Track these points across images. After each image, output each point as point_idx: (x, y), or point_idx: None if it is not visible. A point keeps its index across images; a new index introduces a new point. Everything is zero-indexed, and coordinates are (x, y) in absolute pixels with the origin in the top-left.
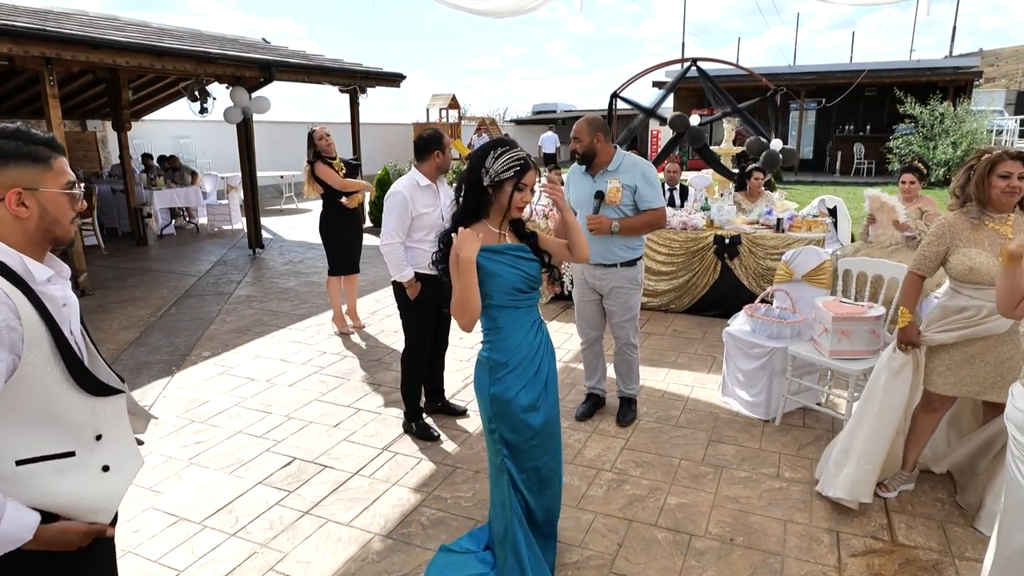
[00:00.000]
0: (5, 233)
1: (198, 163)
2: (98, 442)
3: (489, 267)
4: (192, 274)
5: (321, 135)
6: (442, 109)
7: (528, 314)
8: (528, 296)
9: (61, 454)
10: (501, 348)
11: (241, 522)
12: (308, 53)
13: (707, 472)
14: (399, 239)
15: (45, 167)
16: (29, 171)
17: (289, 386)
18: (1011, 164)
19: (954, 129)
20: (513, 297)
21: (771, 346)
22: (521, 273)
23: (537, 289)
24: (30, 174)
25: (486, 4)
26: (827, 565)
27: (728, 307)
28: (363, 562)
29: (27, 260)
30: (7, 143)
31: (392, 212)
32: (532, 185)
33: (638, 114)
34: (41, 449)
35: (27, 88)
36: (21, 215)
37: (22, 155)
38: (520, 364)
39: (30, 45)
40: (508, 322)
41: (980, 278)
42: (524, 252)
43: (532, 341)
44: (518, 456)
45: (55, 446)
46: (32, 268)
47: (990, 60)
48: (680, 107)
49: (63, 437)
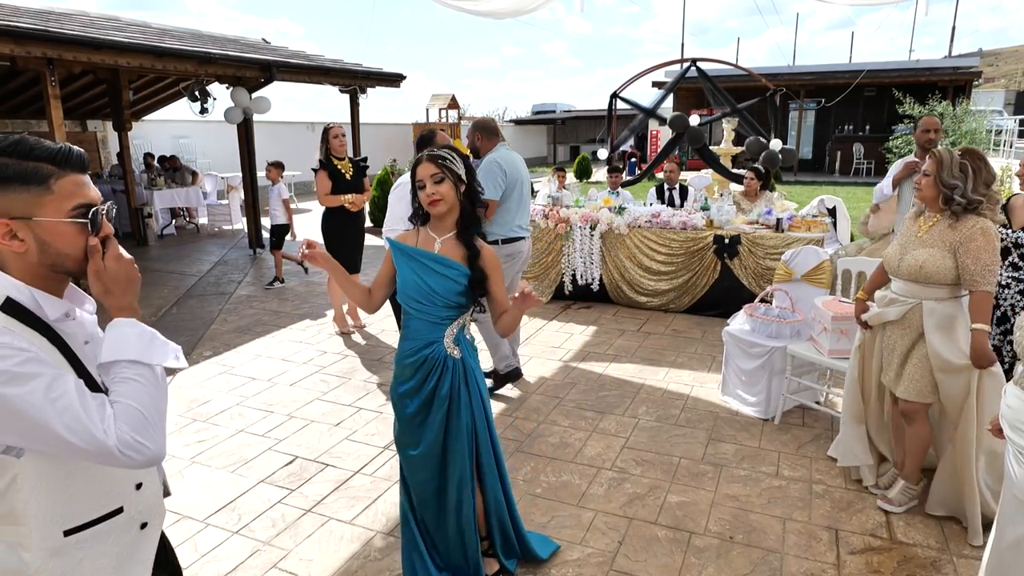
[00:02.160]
0: (10, 267)
1: (198, 163)
2: (139, 491)
3: (396, 264)
4: (193, 274)
5: (336, 133)
6: (442, 109)
7: (425, 328)
8: (424, 307)
9: (110, 513)
10: (400, 342)
11: (244, 520)
12: (308, 53)
13: (707, 470)
14: (403, 228)
15: (42, 190)
16: (22, 195)
17: (290, 385)
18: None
19: (953, 129)
20: (407, 302)
21: (771, 345)
22: (420, 283)
23: (439, 307)
24: (23, 199)
25: (486, 5)
26: (826, 563)
27: (728, 307)
28: (365, 560)
29: (37, 294)
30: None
31: (401, 202)
32: (427, 177)
33: (638, 114)
34: (89, 512)
35: (28, 89)
36: (15, 250)
37: (13, 177)
38: (404, 370)
39: (32, 46)
40: (405, 324)
41: (886, 265)
42: (440, 264)
43: (420, 353)
44: (399, 445)
45: (103, 505)
46: (43, 303)
47: (989, 60)
48: (680, 107)
49: (110, 492)
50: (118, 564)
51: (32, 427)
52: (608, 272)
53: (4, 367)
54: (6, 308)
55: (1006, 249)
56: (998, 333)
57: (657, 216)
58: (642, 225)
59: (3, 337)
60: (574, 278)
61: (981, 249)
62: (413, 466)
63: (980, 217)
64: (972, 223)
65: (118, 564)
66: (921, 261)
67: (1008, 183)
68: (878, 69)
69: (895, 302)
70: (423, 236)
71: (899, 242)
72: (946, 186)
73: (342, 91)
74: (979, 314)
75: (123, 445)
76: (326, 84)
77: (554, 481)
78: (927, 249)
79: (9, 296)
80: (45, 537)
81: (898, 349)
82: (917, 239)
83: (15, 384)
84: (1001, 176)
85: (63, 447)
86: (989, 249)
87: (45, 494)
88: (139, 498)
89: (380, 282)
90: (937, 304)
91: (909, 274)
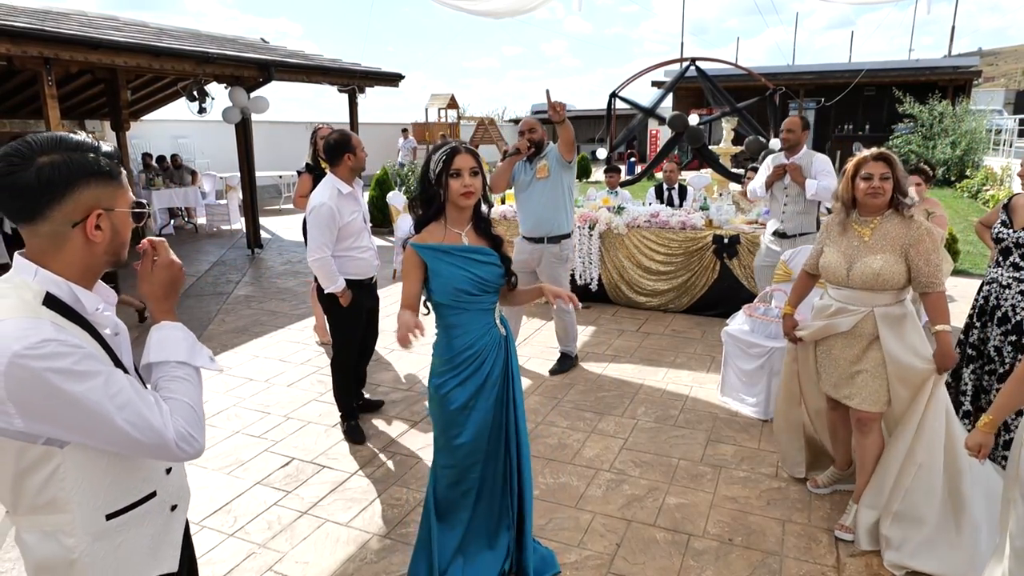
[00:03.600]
0: (66, 260)
1: (197, 163)
2: (168, 476)
3: (433, 265)
4: (191, 274)
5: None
6: (441, 109)
7: (478, 317)
8: (477, 298)
9: (146, 497)
10: (445, 345)
11: (239, 522)
12: (307, 53)
13: (706, 472)
14: (328, 252)
15: (117, 184)
16: (107, 189)
17: (287, 386)
18: (873, 165)
19: (953, 128)
20: (457, 298)
21: (770, 346)
22: (468, 275)
23: (491, 293)
24: (108, 192)
25: (484, 4)
26: (826, 565)
27: (727, 307)
28: (361, 562)
29: (76, 289)
30: (84, 156)
31: (320, 226)
32: (466, 168)
33: (637, 114)
34: (128, 497)
35: (26, 88)
36: (97, 239)
37: (99, 171)
38: (461, 364)
39: (29, 45)
40: (455, 321)
41: (830, 276)
42: (480, 254)
43: (478, 343)
44: (443, 454)
45: (139, 489)
46: (82, 297)
47: (989, 60)
48: (679, 107)
49: (145, 477)
50: (153, 545)
51: (95, 423)
52: (607, 272)
53: (65, 365)
54: (48, 303)
55: (1007, 249)
56: (999, 334)
57: (656, 216)
58: (641, 225)
59: (59, 335)
60: (573, 278)
61: (930, 251)
62: (459, 453)
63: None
64: (917, 224)
65: (153, 545)
66: (877, 268)
67: (1008, 182)
68: (878, 68)
69: (844, 312)
70: (448, 233)
71: (840, 251)
72: (901, 187)
73: (341, 91)
74: (941, 315)
75: (179, 439)
76: (324, 84)
77: (552, 483)
78: (881, 256)
79: (48, 291)
80: (88, 522)
81: (844, 359)
82: (864, 246)
83: (77, 381)
84: (1001, 176)
85: (123, 441)
86: (935, 249)
87: (88, 481)
88: (169, 482)
89: (417, 294)
90: (888, 309)
91: (863, 282)
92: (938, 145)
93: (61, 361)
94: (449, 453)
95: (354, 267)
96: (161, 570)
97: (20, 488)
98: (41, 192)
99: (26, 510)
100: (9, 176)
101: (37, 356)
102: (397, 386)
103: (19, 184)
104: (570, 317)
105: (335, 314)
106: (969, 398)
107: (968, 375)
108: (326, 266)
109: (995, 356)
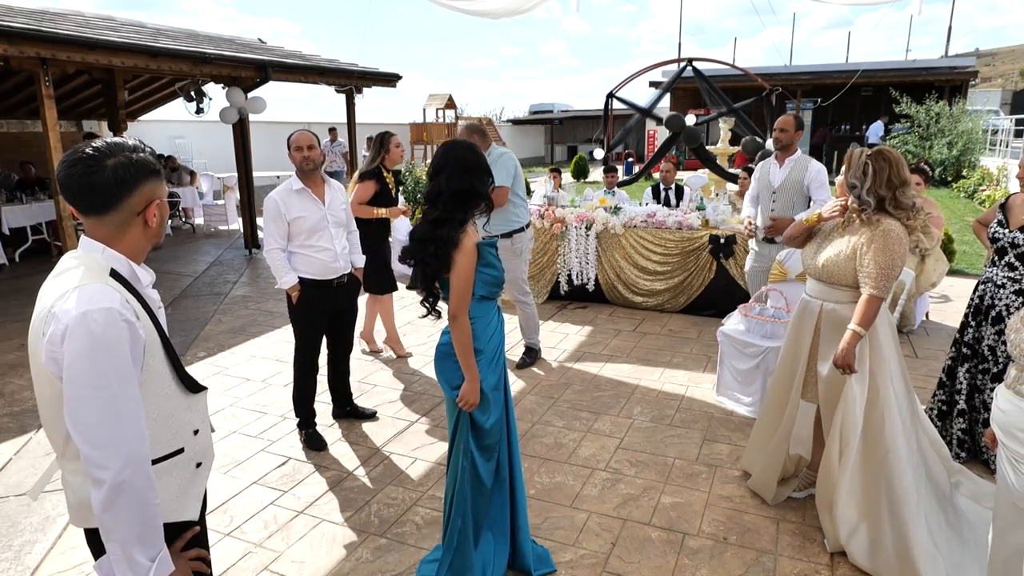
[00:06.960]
0: (127, 243)
1: (194, 163)
2: (195, 436)
3: (490, 259)
4: (188, 274)
5: (398, 142)
6: (439, 109)
7: (494, 304)
8: (507, 286)
9: (174, 452)
10: (493, 333)
11: (236, 522)
12: (304, 53)
13: (701, 471)
14: (278, 245)
15: (162, 178)
16: (159, 183)
17: (284, 386)
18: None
19: (950, 129)
20: (492, 289)
21: (766, 345)
22: (510, 267)
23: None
24: (159, 185)
25: (481, 4)
26: (820, 564)
27: (723, 307)
28: (357, 562)
29: (135, 266)
30: (145, 157)
31: (266, 219)
32: None
33: (634, 114)
34: (161, 450)
35: (23, 89)
36: (154, 225)
37: (155, 168)
38: (492, 351)
39: (25, 45)
40: (481, 312)
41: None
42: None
43: (497, 328)
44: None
45: (170, 444)
46: (139, 273)
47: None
48: (676, 107)
49: (176, 435)
50: (178, 495)
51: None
52: (604, 272)
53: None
54: (113, 276)
55: (1002, 249)
56: (992, 333)
57: (653, 216)
58: (638, 225)
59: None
60: (570, 278)
61: (879, 251)
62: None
63: (889, 218)
64: (878, 225)
65: (178, 495)
66: (823, 258)
67: (1004, 183)
68: (875, 69)
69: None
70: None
71: (816, 240)
72: (849, 186)
73: (338, 91)
74: (860, 317)
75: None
76: (322, 84)
77: (548, 482)
78: (834, 247)
79: (112, 267)
80: None
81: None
82: (829, 238)
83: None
84: (997, 176)
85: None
86: (888, 252)
87: None
88: (196, 442)
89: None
90: (836, 307)
91: (816, 272)
92: (935, 145)
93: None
94: (487, 435)
95: (308, 266)
96: (184, 517)
97: (70, 437)
98: (117, 188)
99: (72, 455)
100: (88, 177)
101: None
102: (393, 386)
103: (98, 183)
104: (530, 309)
105: (293, 314)
106: (964, 396)
107: (963, 374)
108: (274, 260)
109: (989, 355)
